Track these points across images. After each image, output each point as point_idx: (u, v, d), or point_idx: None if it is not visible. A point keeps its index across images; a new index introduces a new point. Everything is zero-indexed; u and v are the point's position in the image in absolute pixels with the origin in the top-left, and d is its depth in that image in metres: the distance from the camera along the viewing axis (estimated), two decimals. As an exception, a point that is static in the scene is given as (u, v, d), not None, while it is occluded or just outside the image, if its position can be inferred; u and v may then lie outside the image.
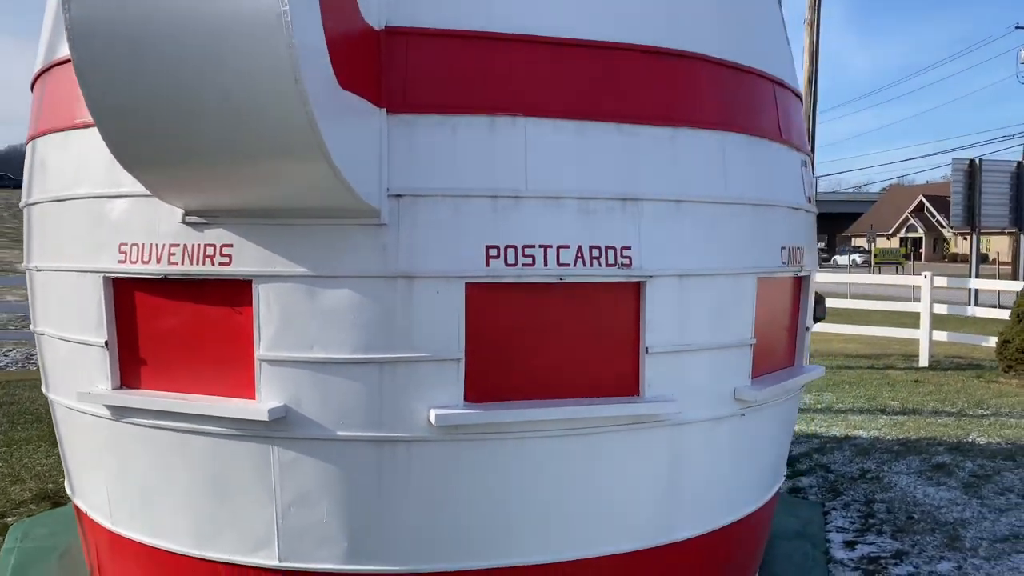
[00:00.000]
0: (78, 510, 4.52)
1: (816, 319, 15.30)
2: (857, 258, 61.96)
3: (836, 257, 64.36)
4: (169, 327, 3.81)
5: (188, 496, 3.80)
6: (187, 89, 2.79)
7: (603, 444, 3.81)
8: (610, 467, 3.84)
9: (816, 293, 16.00)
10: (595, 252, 3.69)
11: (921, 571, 5.02)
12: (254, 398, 3.60)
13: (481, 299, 3.58)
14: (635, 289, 3.81)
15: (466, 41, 3.58)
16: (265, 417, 3.48)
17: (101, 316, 3.88)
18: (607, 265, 3.71)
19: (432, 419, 3.49)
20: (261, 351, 3.56)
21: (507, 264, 3.56)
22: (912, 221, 74.67)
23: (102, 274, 3.85)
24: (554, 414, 3.64)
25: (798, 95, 4.88)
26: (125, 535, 4.07)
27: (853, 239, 77.94)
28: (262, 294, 3.54)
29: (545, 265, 3.61)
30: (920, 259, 68.77)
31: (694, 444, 4.05)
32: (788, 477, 6.98)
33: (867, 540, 5.54)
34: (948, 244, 69.05)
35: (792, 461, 7.46)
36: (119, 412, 3.88)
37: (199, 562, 3.82)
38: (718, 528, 4.20)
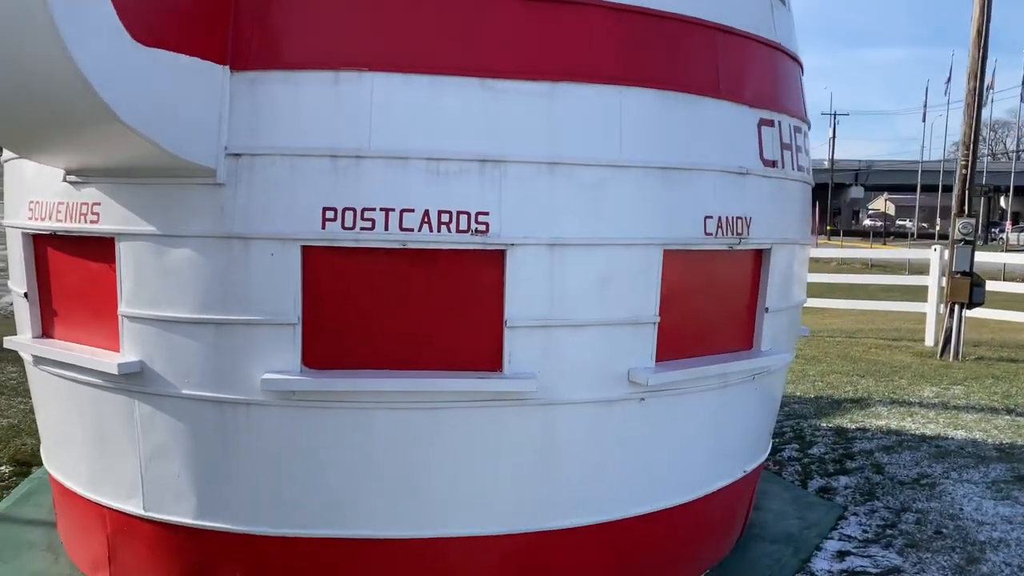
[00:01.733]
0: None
1: (974, 304, 13.60)
2: None
3: None
4: (68, 281, 4.02)
5: (84, 442, 4.01)
6: None
7: (459, 420, 3.59)
8: (467, 444, 3.62)
9: (975, 275, 14.15)
10: (445, 217, 3.46)
11: (902, 594, 4.35)
12: (119, 352, 3.73)
13: (320, 263, 3.46)
14: (496, 258, 3.53)
15: (313, -6, 3.44)
16: (115, 371, 3.59)
17: (23, 268, 4.17)
18: (459, 231, 3.46)
19: (260, 383, 3.45)
20: (122, 307, 3.67)
21: (344, 227, 3.42)
22: None
23: (21, 230, 4.13)
24: (393, 385, 3.48)
25: (766, 43, 4.28)
26: (52, 474, 4.39)
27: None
28: (122, 251, 3.64)
29: (386, 229, 3.43)
30: None
31: (575, 427, 3.73)
32: (826, 475, 6.28)
33: (866, 552, 4.87)
34: None
35: (843, 458, 6.69)
36: (36, 360, 4.16)
37: (93, 505, 4.04)
38: (610, 521, 3.85)
